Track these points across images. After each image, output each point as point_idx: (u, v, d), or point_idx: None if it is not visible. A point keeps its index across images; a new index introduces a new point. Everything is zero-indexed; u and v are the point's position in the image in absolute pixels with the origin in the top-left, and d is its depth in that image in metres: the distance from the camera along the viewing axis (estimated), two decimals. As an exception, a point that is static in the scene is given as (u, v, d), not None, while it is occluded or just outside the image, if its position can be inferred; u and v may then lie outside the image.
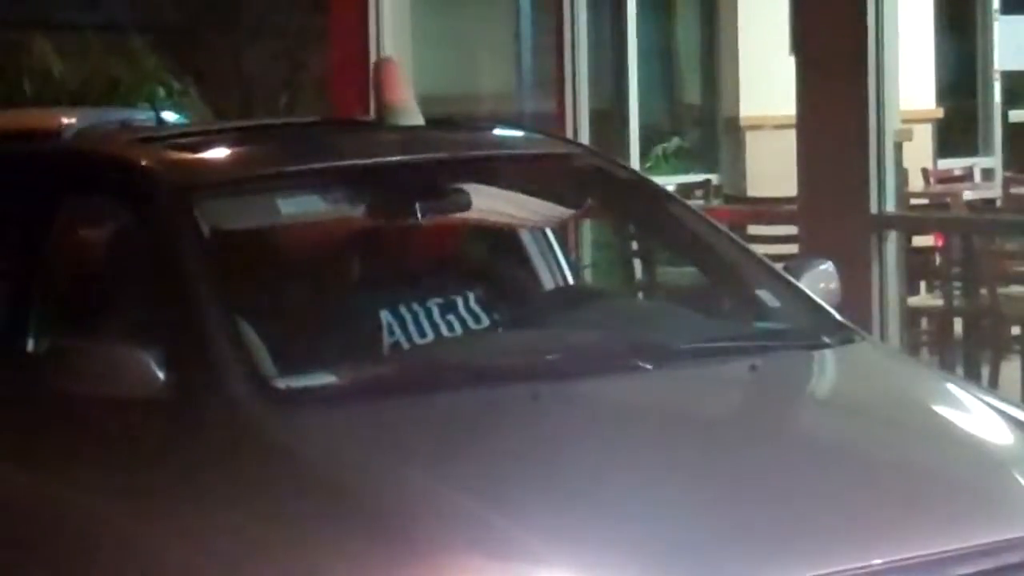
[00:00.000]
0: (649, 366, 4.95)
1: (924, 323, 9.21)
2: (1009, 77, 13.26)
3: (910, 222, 8.58)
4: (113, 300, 5.44)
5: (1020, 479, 4.57)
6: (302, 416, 4.64)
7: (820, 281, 5.50)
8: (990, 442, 4.86)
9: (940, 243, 9.42)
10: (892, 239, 7.93)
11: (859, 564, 4.03)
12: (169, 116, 12.34)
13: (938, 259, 9.48)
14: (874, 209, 7.83)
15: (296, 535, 4.21)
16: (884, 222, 7.88)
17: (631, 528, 4.10)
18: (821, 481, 4.47)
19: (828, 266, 5.59)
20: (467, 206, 5.72)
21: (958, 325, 9.27)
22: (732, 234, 6.09)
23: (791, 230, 8.43)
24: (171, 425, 4.70)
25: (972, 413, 5.01)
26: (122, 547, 4.75)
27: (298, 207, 5.64)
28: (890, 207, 7.93)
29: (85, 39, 16.14)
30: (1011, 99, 13.30)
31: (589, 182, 6.29)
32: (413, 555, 4.00)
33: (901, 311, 8.11)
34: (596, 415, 4.79)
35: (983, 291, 9.01)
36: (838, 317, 5.40)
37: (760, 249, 6.05)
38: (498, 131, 6.73)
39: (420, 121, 5.88)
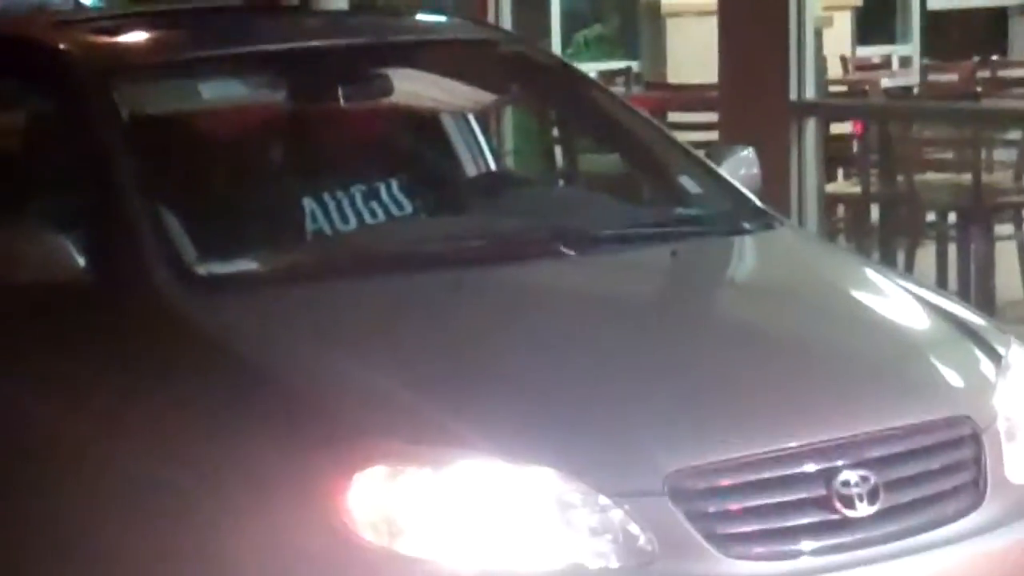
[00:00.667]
0: (571, 252, 4.96)
1: (842, 210, 9.24)
2: (927, -41, 13.31)
3: (829, 109, 8.60)
4: (31, 186, 5.40)
5: (935, 363, 4.61)
6: (223, 302, 4.64)
7: (741, 167, 5.51)
8: (907, 327, 4.90)
9: (858, 130, 9.45)
10: (811, 126, 7.94)
11: (773, 447, 4.05)
12: (86, 0, 12.29)
13: (856, 146, 9.50)
14: (793, 96, 7.84)
15: (216, 421, 4.21)
16: (803, 109, 7.89)
17: (548, 411, 4.12)
18: (738, 364, 4.48)
19: (749, 152, 5.60)
20: (389, 92, 5.74)
21: (875, 212, 9.30)
22: (654, 121, 6.11)
23: (711, 117, 8.41)
24: (91, 312, 4.66)
25: (889, 298, 5.05)
26: (45, 439, 4.76)
27: (219, 92, 5.67)
28: (809, 94, 7.95)
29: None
30: (930, -17, 13.36)
31: (511, 68, 6.28)
32: (333, 439, 4.00)
33: (819, 198, 8.15)
34: (518, 301, 4.80)
35: (900, 178, 9.04)
36: (758, 203, 5.41)
37: (681, 136, 6.03)
38: (420, 16, 6.70)
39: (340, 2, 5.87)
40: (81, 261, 4.66)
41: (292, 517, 3.94)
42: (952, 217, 8.92)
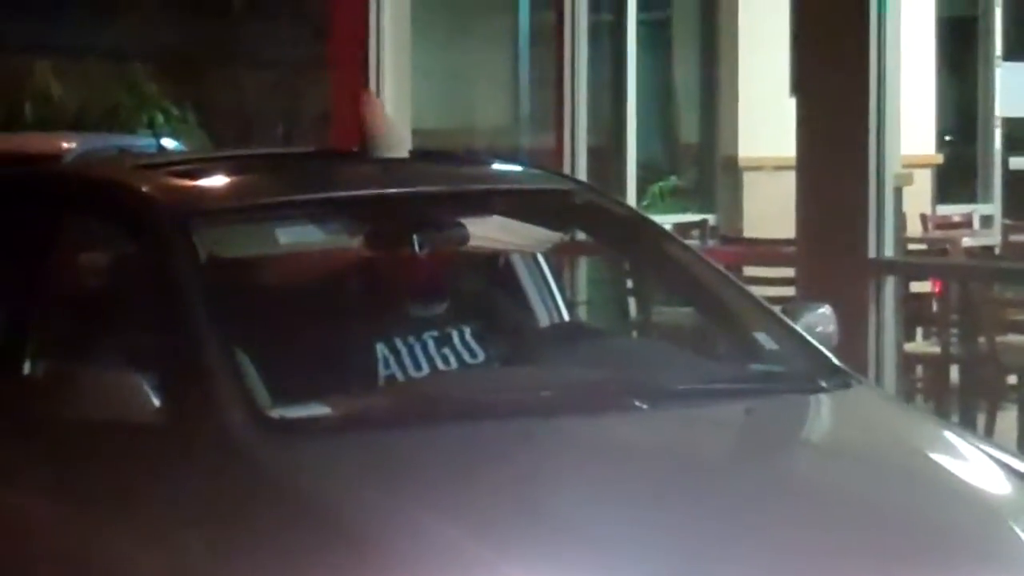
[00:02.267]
0: (644, 405, 4.95)
1: (920, 370, 9.17)
2: (1009, 124, 13.29)
3: (908, 267, 8.58)
4: (110, 325, 5.45)
5: (1017, 530, 4.53)
6: (294, 446, 4.64)
7: (818, 324, 5.51)
8: (988, 492, 4.83)
9: (938, 289, 9.41)
10: (890, 284, 7.91)
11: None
12: (168, 143, 12.44)
13: (936, 305, 9.45)
14: (872, 253, 7.81)
15: (282, 563, 4.21)
16: (882, 267, 7.86)
17: (609, 559, 4.09)
18: (811, 524, 4.46)
19: (826, 309, 5.59)
20: (464, 239, 5.74)
21: (954, 372, 9.23)
22: (729, 275, 6.09)
23: (788, 272, 8.38)
24: (164, 451, 4.68)
25: (969, 462, 4.99)
26: (113, 571, 4.76)
27: (295, 236, 5.66)
28: (888, 252, 7.92)
29: (86, 64, 16.16)
30: (1011, 145, 13.33)
31: (586, 218, 6.30)
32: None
33: (898, 357, 8.10)
34: (587, 452, 4.77)
35: (980, 339, 8.99)
36: (835, 361, 5.40)
37: (757, 291, 6.01)
38: (496, 165, 6.73)
39: (405, 153, 5.88)
40: (156, 401, 4.67)
41: None
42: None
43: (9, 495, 5.28)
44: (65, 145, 10.69)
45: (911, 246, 10.28)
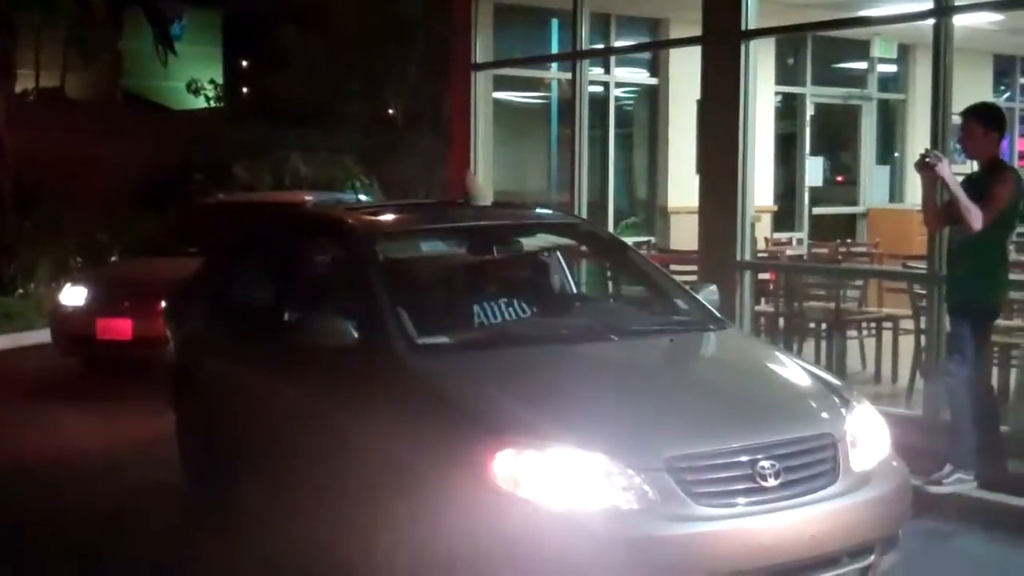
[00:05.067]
0: (616, 338, 5.00)
1: (763, 320, 9.13)
2: (812, 190, 13.23)
3: (757, 266, 8.52)
4: (332, 294, 5.47)
5: (813, 403, 4.58)
6: (431, 359, 4.67)
7: (709, 295, 5.52)
8: (798, 383, 4.85)
9: (772, 277, 9.37)
10: (748, 275, 7.91)
11: (723, 446, 4.07)
12: (362, 197, 12.52)
13: (771, 286, 9.39)
14: (739, 258, 7.82)
15: (426, 425, 4.25)
16: (743, 265, 7.86)
17: (603, 422, 4.14)
18: (705, 399, 4.53)
19: (714, 287, 5.61)
20: (521, 249, 5.82)
21: (781, 322, 9.18)
22: (663, 269, 6.11)
23: (694, 268, 8.34)
24: (360, 363, 4.72)
25: (789, 368, 5.02)
26: (334, 430, 4.82)
27: (430, 247, 5.73)
28: (747, 257, 7.93)
29: (319, 155, 16.27)
30: (813, 201, 13.26)
31: (586, 238, 6.34)
32: (486, 434, 4.05)
33: (751, 313, 8.10)
34: (586, 362, 4.81)
35: (794, 304, 8.95)
36: (718, 315, 5.42)
37: (677, 278, 6.01)
38: (538, 210, 6.77)
39: (489, 203, 5.94)
40: (356, 335, 4.73)
41: (466, 475, 4.02)
42: (823, 326, 8.76)
43: (281, 387, 5.33)
44: (307, 198, 10.76)
45: (760, 255, 10.23)
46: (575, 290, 6.41)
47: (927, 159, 5.86)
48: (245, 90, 26.69)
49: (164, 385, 6.51)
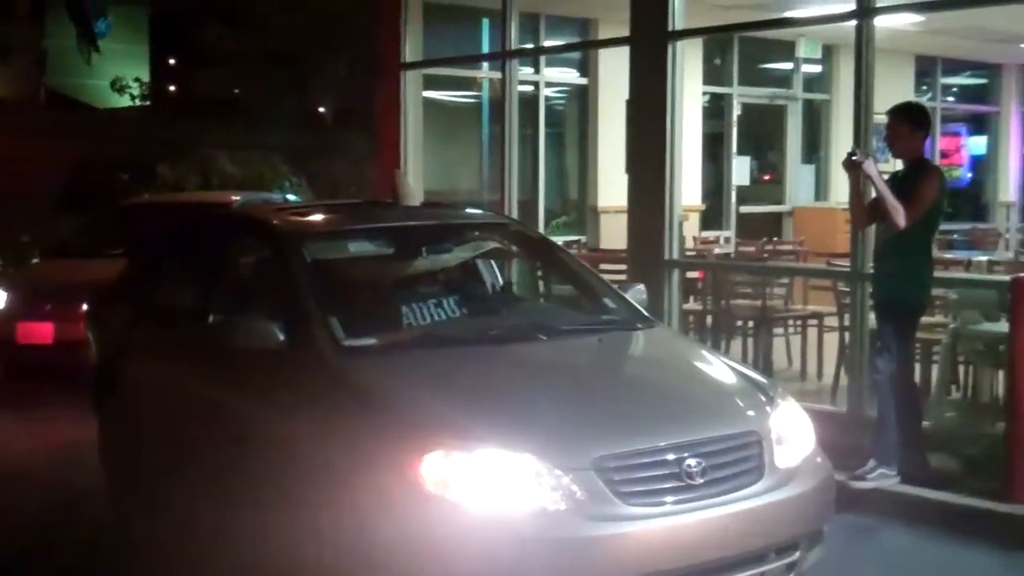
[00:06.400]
0: (544, 337, 4.98)
1: (691, 318, 9.19)
2: (739, 189, 13.35)
3: (684, 264, 8.55)
4: (257, 296, 5.41)
5: (738, 401, 4.60)
6: (358, 361, 4.61)
7: (637, 294, 5.53)
8: (724, 381, 4.87)
9: (701, 276, 9.43)
10: (675, 273, 7.95)
11: (650, 445, 4.07)
12: (290, 197, 12.37)
13: (700, 284, 9.45)
14: (667, 257, 7.85)
15: (351, 425, 4.21)
16: (671, 263, 7.90)
17: (530, 422, 4.12)
18: (634, 398, 4.53)
19: (642, 287, 5.62)
20: (451, 250, 5.77)
21: (709, 319, 9.24)
22: (591, 268, 6.10)
23: (623, 267, 8.36)
24: (286, 365, 4.66)
25: (715, 366, 5.04)
26: (260, 434, 4.74)
27: (358, 247, 5.67)
28: (675, 256, 7.96)
29: (246, 154, 16.06)
30: (740, 200, 13.39)
31: (515, 238, 6.31)
32: (412, 435, 4.02)
33: (680, 311, 8.14)
34: (516, 362, 4.78)
35: (722, 302, 9.01)
36: (646, 314, 5.43)
37: (606, 276, 6.01)
38: (468, 210, 6.72)
39: (418, 203, 5.88)
40: (282, 337, 4.66)
41: (391, 478, 3.98)
42: (750, 324, 8.83)
43: (206, 391, 5.24)
44: (233, 197, 10.62)
45: (688, 253, 10.29)
46: (504, 290, 6.37)
47: (853, 157, 5.93)
48: (172, 88, 26.29)
49: (86, 390, 6.38)
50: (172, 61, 27.13)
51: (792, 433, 4.40)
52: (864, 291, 6.80)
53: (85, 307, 6.97)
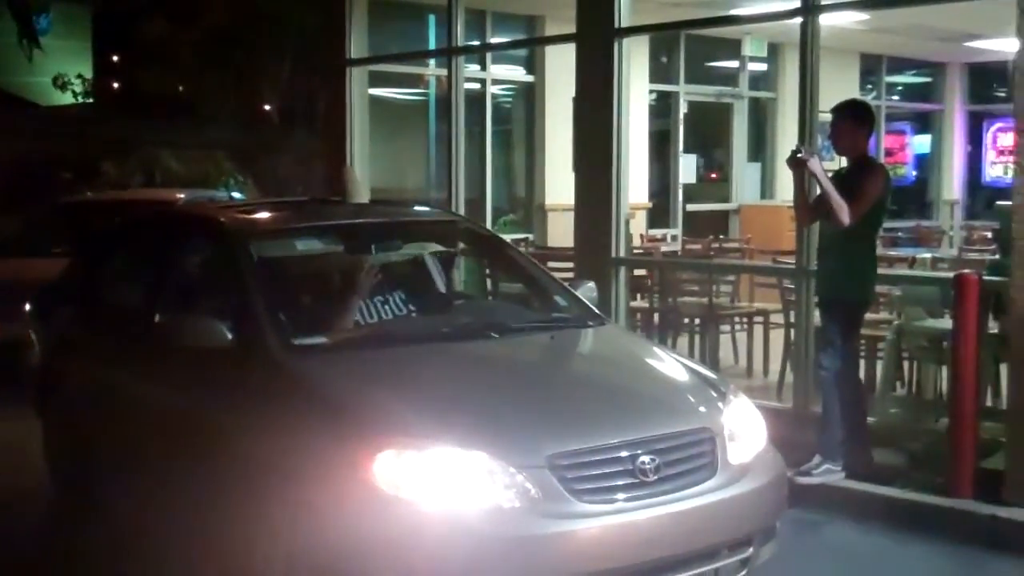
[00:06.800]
0: (496, 335, 4.95)
1: (639, 316, 9.18)
2: (686, 187, 13.39)
3: (631, 262, 8.54)
4: (203, 294, 5.36)
5: (690, 398, 4.60)
6: (307, 360, 4.56)
7: (588, 292, 5.52)
8: (675, 377, 4.86)
9: (648, 274, 9.43)
10: (623, 271, 7.93)
11: (603, 443, 4.04)
12: (236, 195, 12.23)
13: (648, 282, 9.46)
14: (613, 255, 7.82)
15: (300, 424, 4.15)
16: (618, 261, 7.87)
17: (483, 420, 4.08)
18: (586, 396, 4.53)
19: (592, 284, 5.62)
20: (399, 247, 5.72)
21: (656, 317, 9.23)
22: (540, 266, 6.08)
23: (570, 264, 8.32)
24: (234, 365, 4.60)
25: (666, 363, 5.04)
26: (208, 434, 4.67)
27: (306, 245, 5.58)
28: (622, 254, 7.93)
29: (190, 152, 15.88)
30: (686, 198, 13.42)
31: (465, 236, 6.27)
32: (364, 434, 3.97)
33: (627, 309, 8.13)
34: (467, 360, 4.76)
35: (669, 299, 9.02)
36: (596, 311, 5.42)
37: (555, 274, 5.98)
38: (417, 207, 6.67)
39: (367, 200, 5.80)
40: (229, 336, 4.59)
41: (343, 477, 3.92)
42: (697, 321, 8.85)
43: (152, 391, 5.17)
44: (179, 195, 10.49)
45: (636, 251, 10.30)
46: (454, 288, 6.33)
47: (798, 155, 5.95)
48: (116, 85, 25.91)
49: (29, 390, 6.24)
50: (115, 58, 26.74)
51: (745, 429, 4.40)
52: (809, 288, 6.83)
53: (27, 306, 6.83)
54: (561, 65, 9.47)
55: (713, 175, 14.44)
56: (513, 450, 3.89)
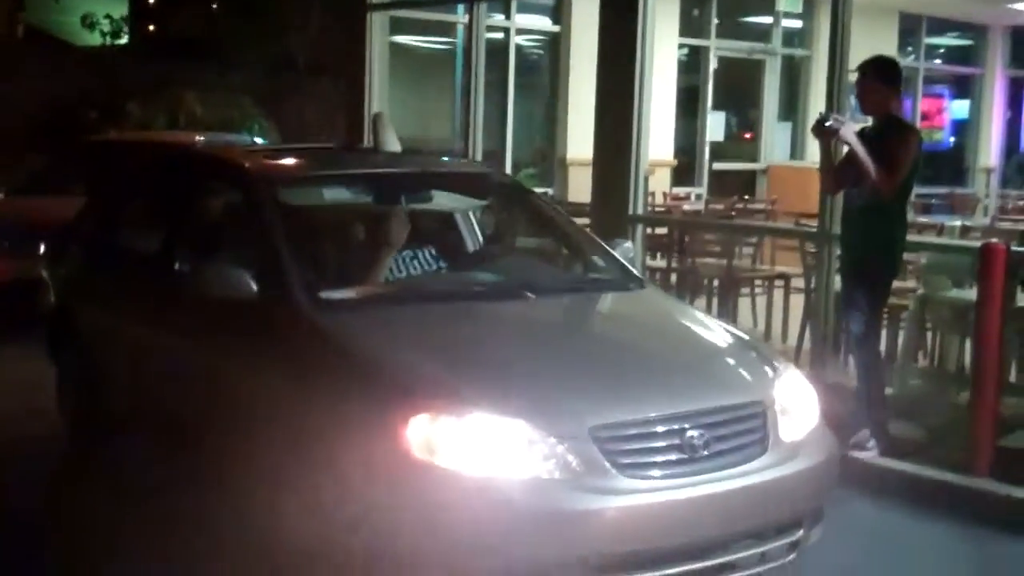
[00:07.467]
0: (532, 296, 4.66)
1: (656, 276, 8.78)
2: (712, 145, 13.00)
3: (649, 220, 8.24)
4: (227, 242, 5.09)
5: (741, 369, 4.32)
6: (336, 315, 4.30)
7: (625, 253, 5.27)
8: (721, 346, 4.57)
9: (669, 232, 9.10)
10: (640, 228, 7.57)
11: (648, 415, 3.75)
12: (258, 140, 11.87)
13: (667, 240, 9.10)
14: (631, 212, 7.44)
15: (325, 382, 3.92)
16: (635, 219, 7.51)
17: (523, 386, 3.81)
18: (629, 363, 4.23)
19: (629, 244, 5.42)
20: (429, 199, 5.48)
21: (674, 277, 8.92)
22: (576, 224, 5.75)
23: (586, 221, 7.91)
24: (259, 318, 4.36)
25: (712, 330, 4.74)
26: (229, 389, 4.46)
27: (334, 194, 5.35)
28: (640, 211, 7.59)
29: (215, 95, 15.50)
30: (713, 156, 13.02)
31: (495, 188, 5.90)
32: (399, 397, 3.71)
33: (643, 268, 7.75)
34: (503, 321, 4.50)
35: (689, 260, 8.71)
36: (636, 272, 5.21)
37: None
38: (446, 158, 6.29)
39: (398, 149, 5.43)
40: (254, 287, 4.31)
41: (376, 441, 3.68)
42: (716, 282, 8.49)
43: (170, 341, 4.93)
44: (197, 138, 10.20)
45: (658, 209, 9.95)
46: (486, 244, 5.99)
47: (827, 123, 5.48)
48: (152, 27, 25.49)
49: (42, 333, 5.91)
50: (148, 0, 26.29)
51: (797, 404, 4.11)
52: (832, 252, 6.47)
53: (43, 246, 6.51)
54: (588, 15, 9.07)
55: (747, 135, 13.95)
56: (555, 419, 3.61)
